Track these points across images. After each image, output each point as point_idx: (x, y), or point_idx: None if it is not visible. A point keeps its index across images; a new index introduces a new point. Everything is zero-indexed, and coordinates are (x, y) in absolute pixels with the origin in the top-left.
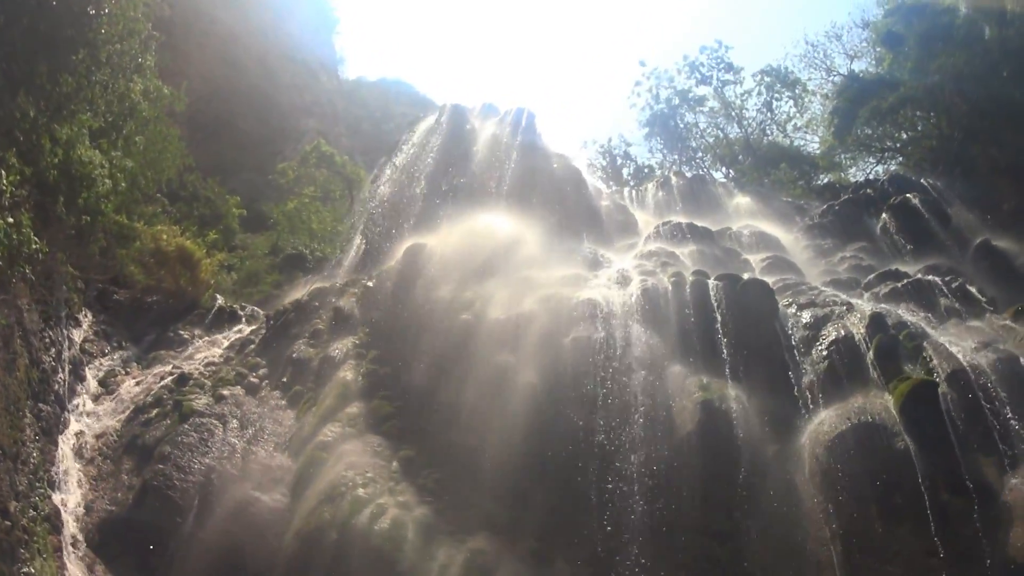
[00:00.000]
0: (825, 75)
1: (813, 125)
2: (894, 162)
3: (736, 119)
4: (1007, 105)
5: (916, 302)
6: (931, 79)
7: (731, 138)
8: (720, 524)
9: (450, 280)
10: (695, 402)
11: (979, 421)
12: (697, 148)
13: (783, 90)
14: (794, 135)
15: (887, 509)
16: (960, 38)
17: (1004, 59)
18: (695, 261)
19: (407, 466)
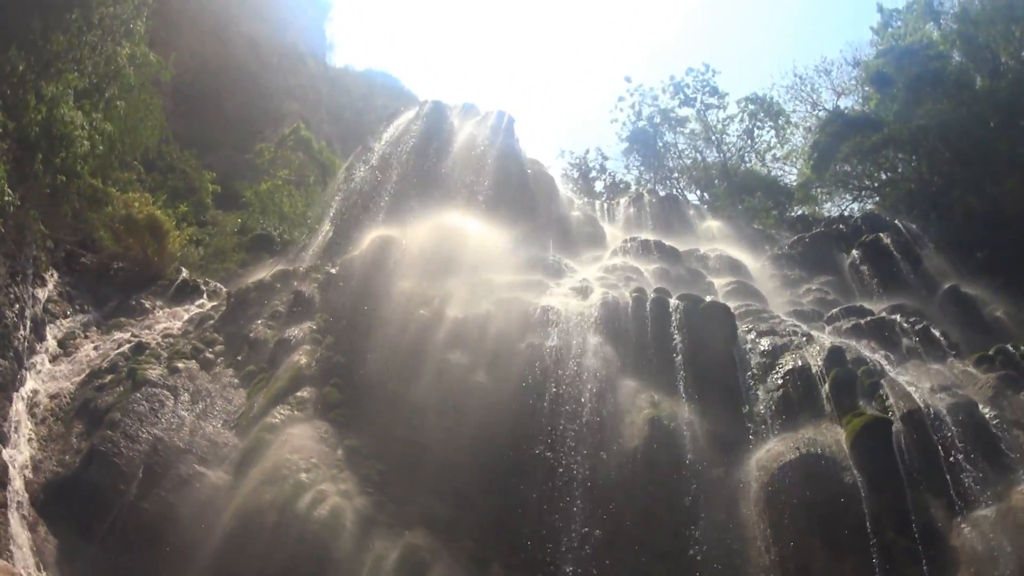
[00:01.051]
0: (810, 109)
1: (792, 157)
2: (870, 201)
3: (716, 143)
4: (990, 155)
5: (878, 340)
6: (916, 123)
7: (709, 162)
8: (661, 542)
9: (412, 274)
10: (644, 418)
11: (932, 463)
12: (674, 168)
13: (766, 119)
14: (772, 165)
15: (831, 543)
16: (950, 85)
17: (993, 110)
18: (659, 279)
19: (352, 455)
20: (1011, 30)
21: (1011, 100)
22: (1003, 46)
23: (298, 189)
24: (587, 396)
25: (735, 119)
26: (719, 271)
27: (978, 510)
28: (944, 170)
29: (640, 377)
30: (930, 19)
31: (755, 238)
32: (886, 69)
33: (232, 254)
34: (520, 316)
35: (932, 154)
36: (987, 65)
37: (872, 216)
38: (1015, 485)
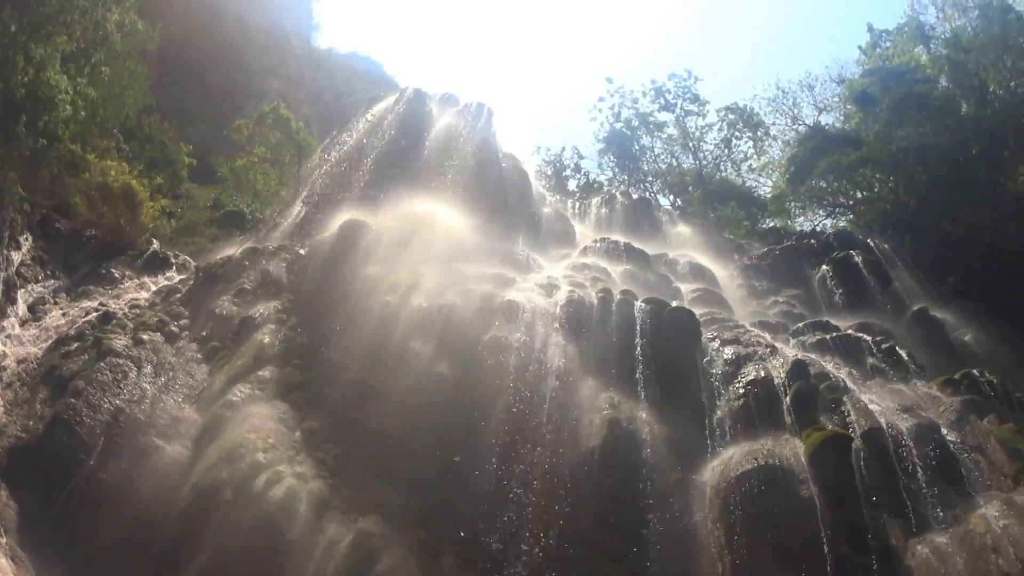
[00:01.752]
0: (790, 122)
1: (769, 169)
2: (844, 218)
3: (693, 150)
4: (969, 182)
5: (843, 356)
6: (897, 144)
7: (684, 168)
8: (614, 543)
9: (380, 260)
10: (603, 418)
11: (890, 482)
12: (649, 172)
13: (745, 130)
14: (748, 175)
15: (784, 554)
16: (935, 109)
17: (976, 137)
18: (626, 281)
19: (309, 437)
20: (1002, 59)
21: (996, 129)
22: (992, 75)
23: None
24: (547, 393)
25: (714, 127)
26: (687, 277)
27: (935, 532)
28: (921, 193)
29: (601, 378)
30: (920, 42)
31: (725, 247)
32: (871, 89)
33: (203, 228)
34: (485, 309)
35: (910, 176)
36: (974, 92)
37: (844, 233)
38: (974, 509)
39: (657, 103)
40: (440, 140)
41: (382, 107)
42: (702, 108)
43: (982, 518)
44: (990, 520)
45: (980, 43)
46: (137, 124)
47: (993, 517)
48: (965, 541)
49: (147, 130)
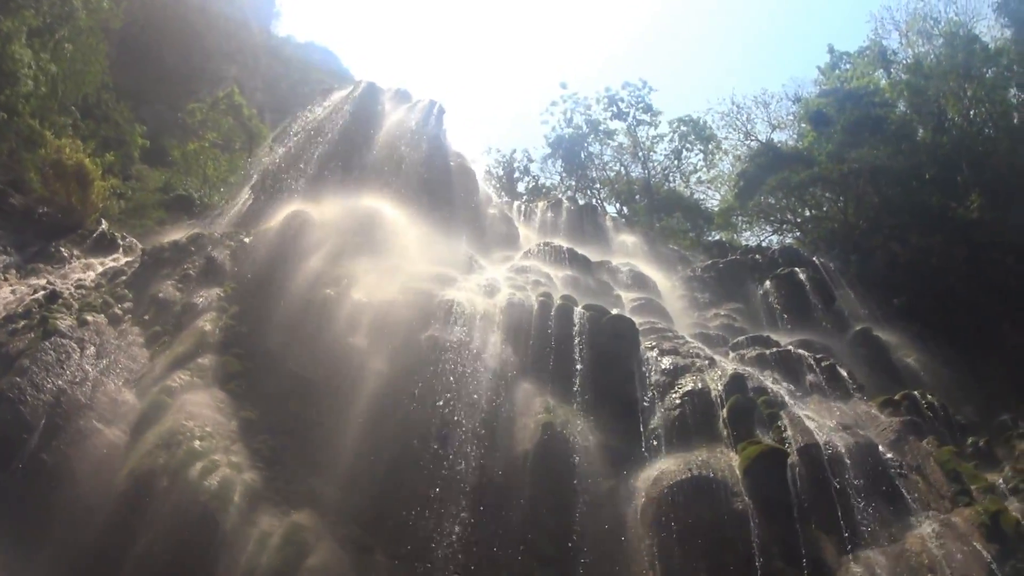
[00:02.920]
0: (743, 138)
1: (718, 182)
2: (790, 236)
3: (642, 160)
4: (921, 207)
5: (781, 372)
6: (849, 165)
7: (632, 177)
8: (545, 548)
9: (323, 253)
10: (537, 423)
11: (825, 498)
12: (596, 179)
13: (696, 142)
14: (696, 188)
15: (716, 566)
16: (890, 133)
17: (931, 163)
18: (568, 286)
19: (246, 427)
20: (963, 88)
21: (951, 156)
22: (952, 103)
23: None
24: (483, 394)
25: (665, 138)
26: (629, 286)
27: (870, 550)
28: (871, 215)
29: (538, 382)
30: (880, 66)
31: (669, 257)
32: (827, 109)
33: (152, 211)
34: (425, 307)
35: (861, 198)
36: (932, 119)
37: (790, 250)
38: (910, 529)
39: (610, 111)
40: (390, 135)
41: (335, 99)
42: (654, 118)
43: (918, 538)
44: (927, 540)
45: (942, 70)
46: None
47: (930, 537)
48: (900, 560)
49: (103, 108)
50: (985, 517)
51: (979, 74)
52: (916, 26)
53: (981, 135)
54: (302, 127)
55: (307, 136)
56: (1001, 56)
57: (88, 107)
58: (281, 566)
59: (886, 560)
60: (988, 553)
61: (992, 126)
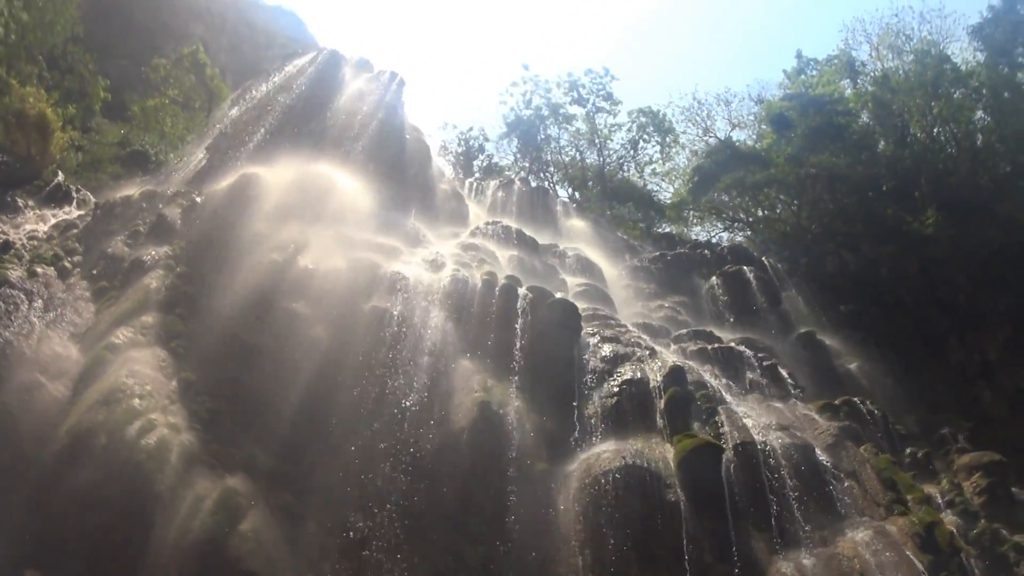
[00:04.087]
0: (701, 133)
1: (672, 176)
2: (741, 234)
3: (599, 147)
4: (875, 218)
5: (722, 368)
6: (806, 170)
7: (587, 163)
8: (476, 527)
9: (272, 217)
10: (474, 401)
11: (759, 497)
12: (551, 163)
13: (654, 134)
14: (650, 179)
15: (646, 556)
16: (851, 142)
17: (890, 175)
18: (513, 267)
19: (185, 388)
20: (930, 105)
21: (911, 171)
22: (917, 118)
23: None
24: (422, 368)
25: (623, 127)
26: (575, 270)
27: (801, 551)
28: (824, 221)
29: (477, 360)
30: (847, 76)
31: (617, 246)
32: (789, 112)
33: (108, 165)
34: (369, 277)
35: (815, 203)
36: (895, 132)
37: (740, 248)
38: (843, 533)
39: (570, 96)
40: (349, 104)
41: (298, 64)
42: (614, 107)
43: (851, 543)
44: (859, 546)
45: (910, 86)
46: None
47: (863, 543)
48: (831, 564)
49: (70, 60)
50: (920, 528)
51: (947, 94)
52: (888, 40)
53: (943, 153)
54: (263, 90)
55: (266, 99)
56: (971, 78)
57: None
58: (213, 530)
59: (817, 562)
60: (921, 564)
61: (955, 146)
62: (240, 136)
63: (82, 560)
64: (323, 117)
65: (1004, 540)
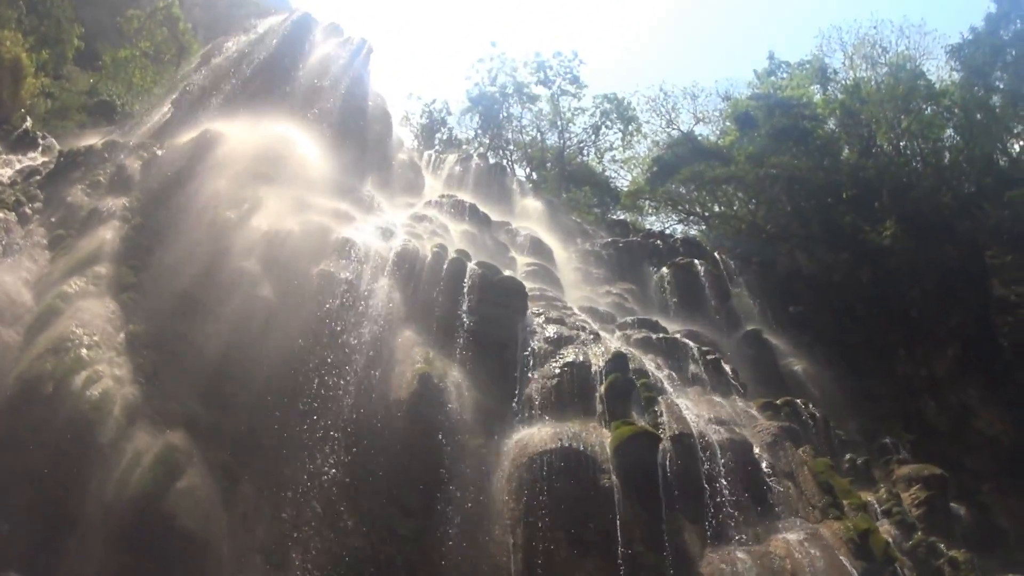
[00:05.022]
0: (665, 125)
1: (631, 164)
2: (696, 228)
3: (560, 130)
4: (833, 224)
5: (665, 358)
6: (767, 170)
7: (548, 144)
8: (410, 499)
9: (230, 174)
10: (415, 372)
11: (693, 489)
12: (511, 141)
13: (617, 121)
14: (609, 165)
15: (577, 539)
16: (815, 147)
17: (852, 183)
18: (464, 241)
19: (132, 341)
20: (899, 118)
21: (873, 181)
22: (884, 130)
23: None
24: (366, 335)
25: (586, 112)
26: (525, 250)
27: (734, 547)
28: (781, 222)
29: (421, 331)
30: (818, 82)
31: (571, 229)
32: (755, 112)
33: (75, 114)
34: (320, 241)
35: (773, 203)
36: (861, 142)
37: (693, 241)
38: (776, 532)
39: (536, 76)
40: (316, 67)
41: (268, 23)
42: (579, 91)
43: (784, 543)
44: (792, 547)
45: (881, 98)
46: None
47: (796, 544)
48: (763, 562)
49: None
50: (854, 534)
51: (918, 109)
52: (863, 50)
53: (908, 167)
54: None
55: (235, 57)
56: (944, 96)
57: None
58: (151, 485)
59: (749, 559)
60: (854, 570)
61: (921, 161)
62: (206, 92)
63: (22, 505)
64: (290, 79)
65: (940, 554)
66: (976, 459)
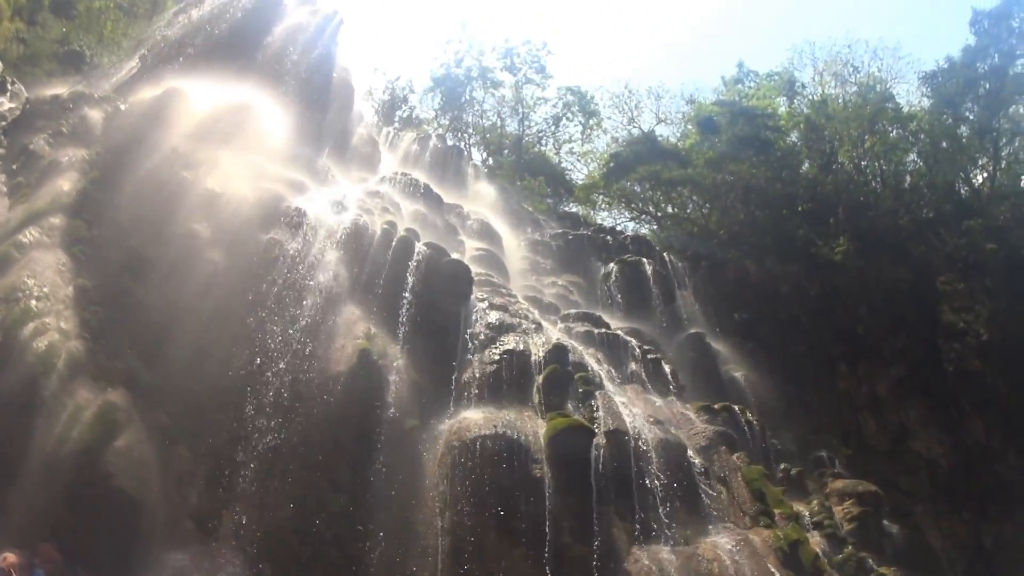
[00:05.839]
0: (626, 122)
1: (589, 158)
2: (647, 227)
3: (521, 117)
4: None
5: (606, 353)
6: (725, 176)
7: (507, 131)
8: (340, 473)
9: (190, 134)
10: (356, 347)
11: (625, 486)
12: (470, 124)
13: (578, 114)
14: (566, 158)
15: (505, 527)
16: (775, 158)
17: (809, 197)
18: (415, 221)
19: (80, 295)
20: (863, 138)
21: (830, 197)
22: (847, 147)
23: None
24: (309, 307)
25: (549, 102)
26: (475, 234)
27: (662, 546)
28: (733, 229)
29: (364, 307)
30: (784, 94)
31: (522, 217)
32: (718, 118)
33: (46, 62)
34: (272, 209)
35: (727, 210)
36: (822, 157)
37: (643, 240)
38: (706, 535)
39: (503, 62)
40: (285, 34)
41: None
42: (544, 80)
43: (712, 546)
44: (720, 550)
45: (847, 116)
46: None
47: (725, 549)
48: (690, 563)
49: None
50: (784, 543)
51: (883, 131)
52: (833, 68)
53: (867, 186)
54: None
55: (207, 17)
56: (911, 121)
57: None
58: (91, 442)
59: (676, 559)
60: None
61: (881, 182)
62: (174, 49)
63: None
64: (258, 43)
65: (870, 569)
66: (912, 480)
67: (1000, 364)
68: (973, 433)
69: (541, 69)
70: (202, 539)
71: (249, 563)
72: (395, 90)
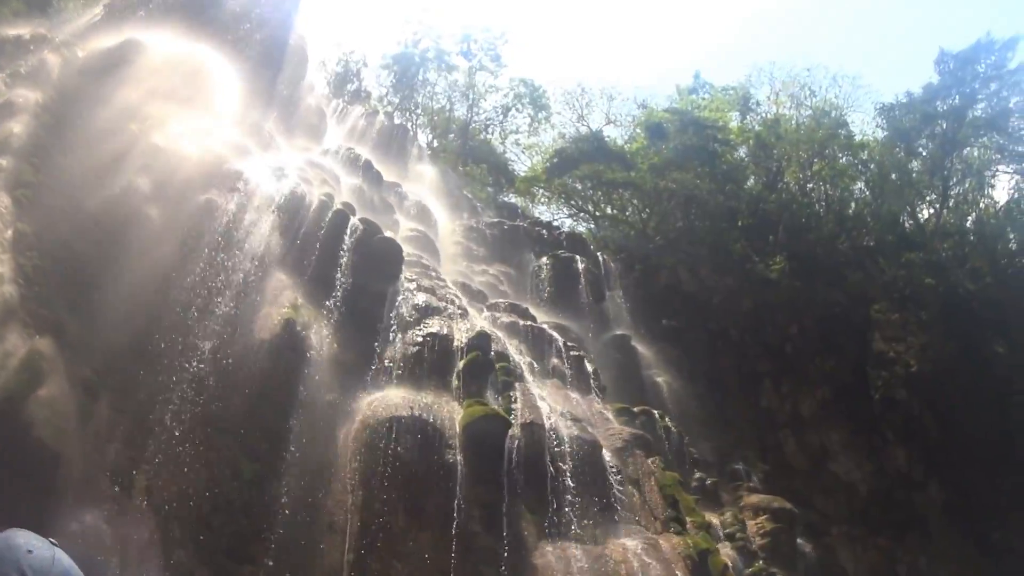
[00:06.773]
0: (575, 120)
1: (533, 151)
2: (584, 225)
3: (471, 103)
4: (722, 248)
5: (529, 346)
6: (667, 183)
7: (455, 115)
8: (256, 443)
9: (143, 88)
10: (281, 316)
11: (537, 481)
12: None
13: (528, 106)
14: (511, 148)
15: (414, 510)
16: (720, 171)
17: (750, 213)
18: (352, 195)
19: (19, 240)
20: (811, 161)
21: (772, 215)
22: (794, 168)
23: None
24: (239, 272)
25: (500, 91)
26: (411, 214)
27: (571, 543)
28: (670, 236)
29: (294, 277)
30: (738, 109)
31: (460, 202)
32: (668, 125)
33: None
34: (213, 170)
35: (666, 216)
36: (767, 175)
37: (578, 237)
38: (615, 536)
39: (460, 47)
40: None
41: None
42: (498, 68)
43: (621, 547)
44: (629, 553)
45: (797, 138)
46: None
47: (633, 552)
48: (598, 562)
49: None
50: (694, 551)
51: (833, 156)
52: (790, 89)
53: (810, 209)
54: None
55: None
56: (863, 150)
57: None
58: (15, 389)
59: (585, 557)
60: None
61: (825, 207)
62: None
63: None
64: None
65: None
66: (828, 501)
67: (928, 396)
68: (894, 461)
69: (496, 58)
70: (117, 496)
71: (161, 524)
72: (349, 63)
